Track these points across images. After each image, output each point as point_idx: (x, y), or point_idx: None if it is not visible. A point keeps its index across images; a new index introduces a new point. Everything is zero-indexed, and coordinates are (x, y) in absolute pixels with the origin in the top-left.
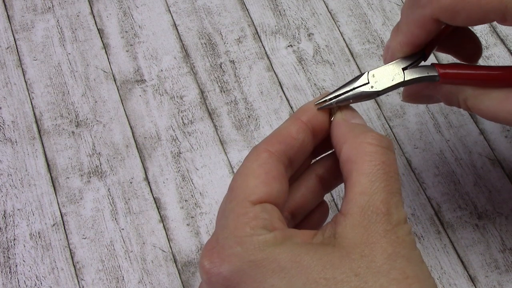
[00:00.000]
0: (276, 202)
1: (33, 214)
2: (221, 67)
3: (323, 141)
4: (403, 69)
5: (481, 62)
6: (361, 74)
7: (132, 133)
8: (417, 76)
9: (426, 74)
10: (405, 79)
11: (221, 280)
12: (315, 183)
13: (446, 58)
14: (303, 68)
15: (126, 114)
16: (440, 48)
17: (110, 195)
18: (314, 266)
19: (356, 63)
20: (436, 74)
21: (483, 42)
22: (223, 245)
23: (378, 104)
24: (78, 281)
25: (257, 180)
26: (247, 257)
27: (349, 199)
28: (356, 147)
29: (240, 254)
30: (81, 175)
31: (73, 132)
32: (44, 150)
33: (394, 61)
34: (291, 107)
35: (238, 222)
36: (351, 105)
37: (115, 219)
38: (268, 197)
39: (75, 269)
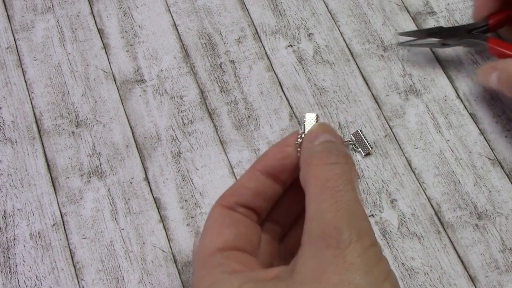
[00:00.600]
0: (235, 245)
1: (33, 214)
2: (221, 67)
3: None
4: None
5: None
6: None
7: (132, 133)
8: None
9: (478, 41)
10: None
11: None
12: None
13: None
14: (303, 68)
15: (126, 114)
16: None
17: (110, 195)
18: None
19: (356, 63)
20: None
21: None
22: None
23: (378, 104)
24: (78, 281)
25: (212, 233)
26: None
27: (304, 229)
28: (304, 173)
29: None
30: (81, 175)
31: (73, 132)
32: (44, 150)
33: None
34: (291, 107)
35: (199, 271)
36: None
37: (115, 219)
38: (224, 244)
39: (75, 269)
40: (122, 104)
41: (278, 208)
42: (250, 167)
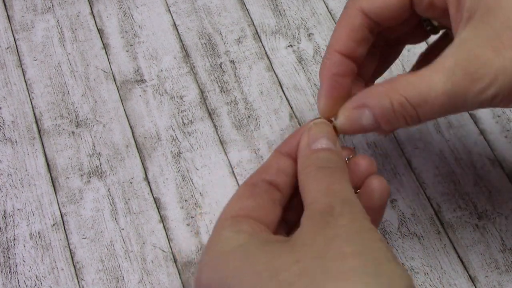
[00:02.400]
0: (251, 214)
1: (33, 214)
2: (221, 67)
3: None
4: None
5: None
6: None
7: (132, 133)
8: None
9: None
10: None
11: None
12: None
13: None
14: (303, 68)
15: (126, 114)
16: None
17: (110, 195)
18: (260, 259)
19: None
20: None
21: None
22: (200, 260)
23: None
24: (78, 281)
25: (231, 203)
26: (211, 264)
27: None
28: (301, 179)
29: (207, 263)
30: (81, 175)
31: (73, 132)
32: (44, 150)
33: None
34: (291, 107)
35: (212, 235)
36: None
37: (115, 219)
38: (240, 211)
39: (75, 269)
40: (122, 104)
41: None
42: (275, 150)
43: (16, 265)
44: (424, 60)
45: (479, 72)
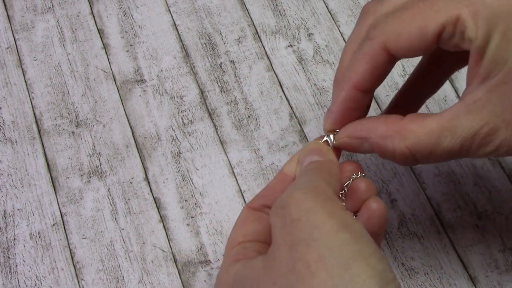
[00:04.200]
0: (256, 237)
1: (33, 214)
2: (221, 67)
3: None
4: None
5: None
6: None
7: (132, 133)
8: None
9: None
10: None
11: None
12: None
13: None
14: (303, 68)
15: (126, 114)
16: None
17: (110, 195)
18: (247, 279)
19: None
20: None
21: None
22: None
23: (378, 104)
24: (78, 281)
25: (236, 229)
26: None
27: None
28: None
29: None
30: (81, 175)
31: (73, 132)
32: (44, 150)
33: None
34: (291, 107)
35: (223, 262)
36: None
37: (115, 219)
38: (245, 237)
39: (75, 269)
40: (122, 104)
41: None
42: (279, 170)
43: (16, 265)
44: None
45: (486, 139)
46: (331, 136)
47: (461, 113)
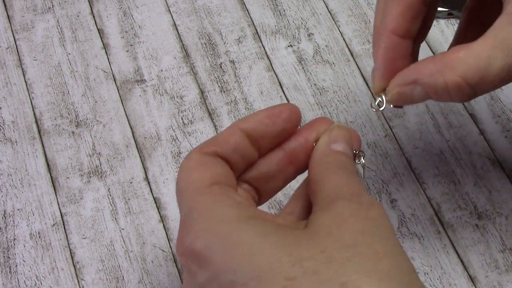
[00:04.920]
0: (225, 183)
1: (33, 214)
2: (221, 67)
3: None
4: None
5: None
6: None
7: (132, 133)
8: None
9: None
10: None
11: (194, 258)
12: (283, 157)
13: None
14: (303, 68)
15: (126, 114)
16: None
17: (110, 195)
18: (278, 243)
19: (356, 63)
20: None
21: None
22: (191, 225)
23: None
24: (78, 281)
25: (199, 170)
26: (213, 232)
27: (314, 197)
28: (321, 171)
29: (206, 229)
30: (81, 175)
31: (73, 132)
32: (44, 150)
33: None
34: None
35: (200, 202)
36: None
37: (115, 219)
38: (215, 179)
39: (75, 269)
40: (122, 104)
41: (252, 171)
42: (233, 124)
43: (16, 265)
44: (464, 33)
45: None
46: (383, 96)
47: (505, 25)
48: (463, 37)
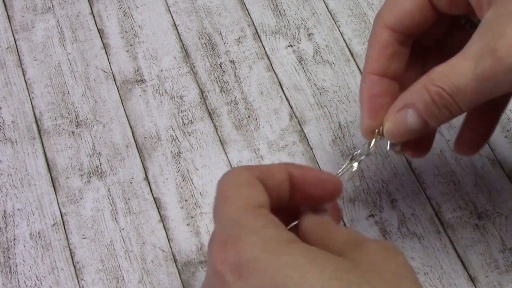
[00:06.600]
0: (269, 210)
1: (33, 214)
2: (221, 67)
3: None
4: None
5: None
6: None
7: (132, 133)
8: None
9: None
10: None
11: (236, 268)
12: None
13: None
14: (303, 68)
15: (126, 114)
16: None
17: (110, 195)
18: (328, 265)
19: (356, 63)
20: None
21: None
22: (237, 237)
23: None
24: (78, 281)
25: (248, 189)
26: (263, 247)
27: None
28: None
29: (256, 244)
30: (81, 175)
31: (73, 132)
32: (44, 150)
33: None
34: (291, 107)
35: (250, 219)
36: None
37: (115, 219)
38: (263, 203)
39: (75, 269)
40: (122, 104)
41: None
42: (283, 163)
43: (16, 265)
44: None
45: (504, 50)
46: (377, 136)
47: (477, 40)
48: None
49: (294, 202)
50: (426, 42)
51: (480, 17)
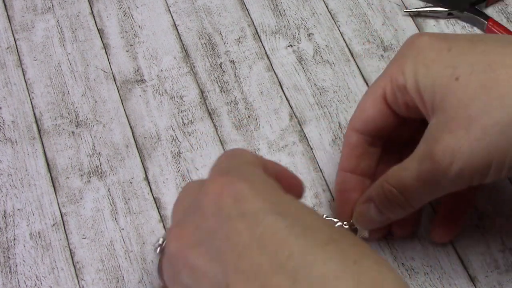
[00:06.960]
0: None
1: (33, 214)
2: (221, 67)
3: None
4: None
5: None
6: None
7: (132, 133)
8: None
9: None
10: None
11: (234, 194)
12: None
13: None
14: (303, 68)
15: (126, 114)
16: None
17: (110, 195)
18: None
19: (356, 63)
20: None
21: None
22: (240, 171)
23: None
24: (78, 281)
25: (251, 156)
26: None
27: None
28: None
29: (261, 178)
30: (81, 175)
31: (73, 132)
32: (44, 150)
33: None
34: (291, 107)
35: (255, 168)
36: None
37: (115, 219)
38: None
39: (75, 269)
40: (122, 104)
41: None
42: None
43: (16, 265)
44: None
45: (440, 154)
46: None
47: (422, 143)
48: None
49: None
50: (401, 140)
51: (429, 122)
